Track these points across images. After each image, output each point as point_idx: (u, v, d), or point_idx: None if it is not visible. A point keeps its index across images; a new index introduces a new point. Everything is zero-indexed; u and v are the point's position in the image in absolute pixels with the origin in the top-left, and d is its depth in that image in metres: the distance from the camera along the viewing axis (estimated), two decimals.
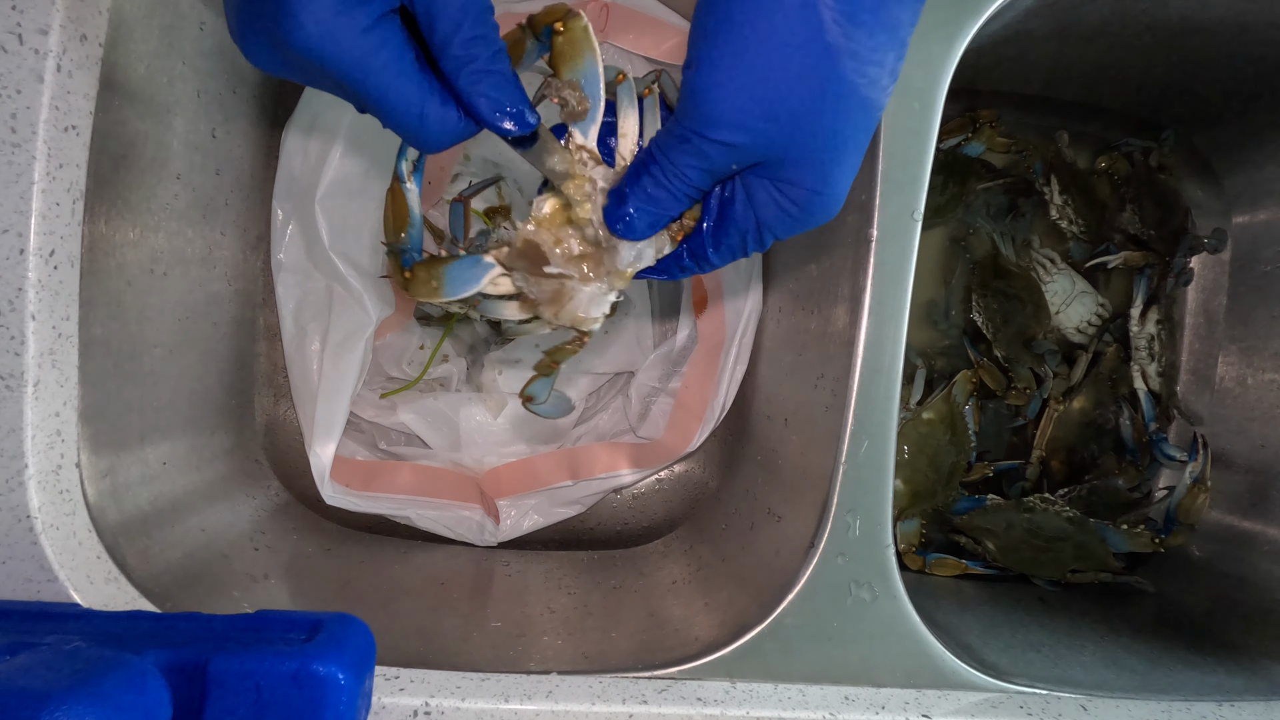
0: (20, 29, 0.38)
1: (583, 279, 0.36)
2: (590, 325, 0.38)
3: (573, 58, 0.34)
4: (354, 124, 0.61)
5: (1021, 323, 0.73)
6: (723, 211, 0.35)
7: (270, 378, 0.69)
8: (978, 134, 0.73)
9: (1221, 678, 0.53)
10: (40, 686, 0.28)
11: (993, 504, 0.70)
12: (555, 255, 0.36)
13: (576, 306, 0.37)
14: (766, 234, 0.34)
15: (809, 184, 0.32)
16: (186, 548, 0.51)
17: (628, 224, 0.35)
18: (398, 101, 0.30)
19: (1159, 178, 0.76)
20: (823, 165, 0.32)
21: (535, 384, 0.42)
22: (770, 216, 0.34)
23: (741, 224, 0.34)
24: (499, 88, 0.31)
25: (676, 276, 0.38)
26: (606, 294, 0.37)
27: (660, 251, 0.37)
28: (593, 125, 0.35)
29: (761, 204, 0.33)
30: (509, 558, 0.65)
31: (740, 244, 0.35)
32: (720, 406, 0.66)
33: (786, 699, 0.45)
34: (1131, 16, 0.59)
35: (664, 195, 0.34)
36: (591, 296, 0.37)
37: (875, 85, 0.30)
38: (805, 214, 0.33)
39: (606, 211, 0.35)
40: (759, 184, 0.33)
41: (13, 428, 0.39)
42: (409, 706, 0.41)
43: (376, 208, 0.65)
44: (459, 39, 0.30)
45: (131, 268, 0.48)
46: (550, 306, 0.37)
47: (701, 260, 0.37)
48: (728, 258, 0.36)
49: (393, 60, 0.29)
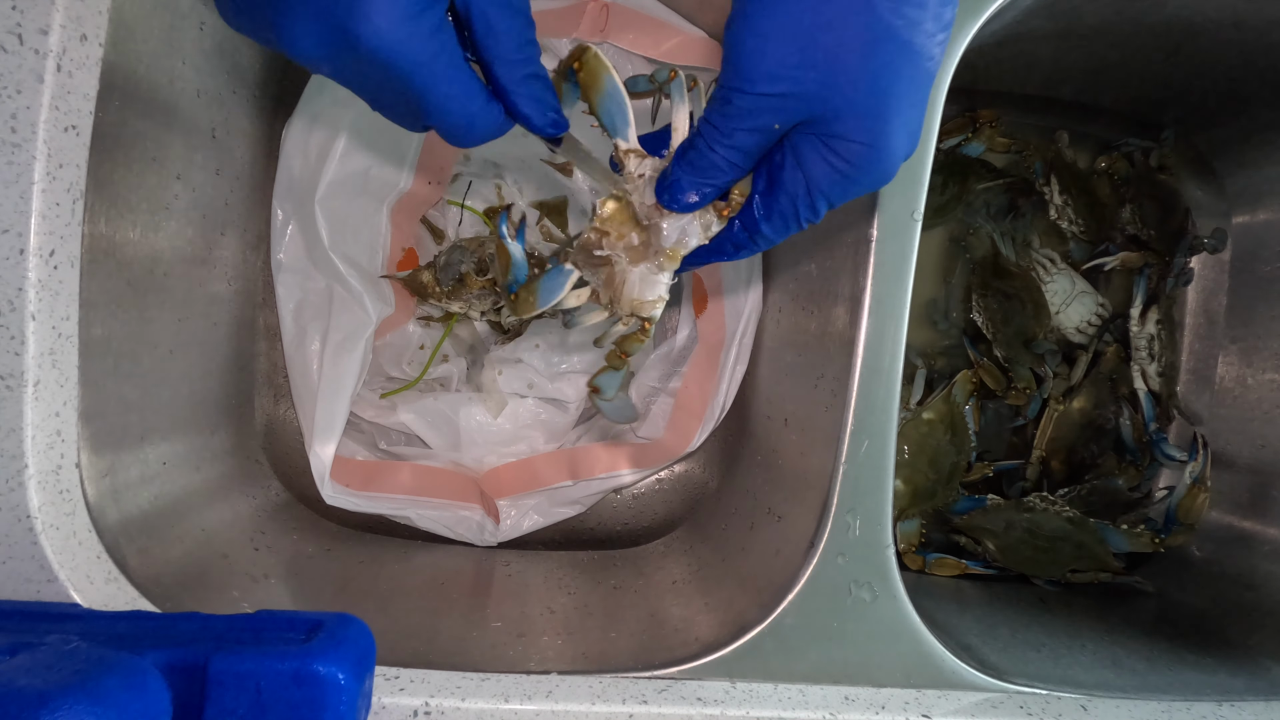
0: (20, 29, 0.38)
1: (631, 260, 0.38)
2: (649, 310, 0.39)
3: (595, 84, 0.37)
4: (354, 124, 0.61)
5: (1021, 323, 0.73)
6: (772, 178, 0.34)
7: (270, 378, 0.69)
8: (978, 134, 0.73)
9: (1221, 678, 0.53)
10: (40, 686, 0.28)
11: (993, 504, 0.70)
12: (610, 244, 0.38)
13: (631, 290, 0.38)
14: (818, 197, 0.33)
15: (857, 136, 0.31)
16: (186, 548, 0.51)
17: (673, 193, 0.35)
18: (451, 100, 0.32)
19: (1159, 178, 0.76)
20: (869, 116, 0.31)
21: (604, 375, 0.43)
22: (820, 175, 0.33)
23: (790, 188, 0.33)
24: (545, 91, 0.34)
25: (732, 256, 0.38)
26: (657, 275, 0.38)
27: (708, 229, 0.37)
28: (627, 129, 0.38)
29: (810, 163, 0.32)
30: (509, 558, 0.65)
31: (792, 210, 0.34)
32: (720, 406, 0.66)
33: (786, 699, 0.45)
34: (1131, 16, 0.59)
35: (709, 162, 0.33)
36: (642, 278, 0.38)
37: (917, 28, 0.29)
38: (857, 171, 0.32)
39: (657, 185, 0.36)
40: (806, 142, 0.32)
41: (13, 428, 0.39)
42: (409, 706, 0.41)
43: (376, 208, 0.65)
44: (513, 43, 0.32)
45: (131, 268, 0.48)
46: (613, 298, 0.39)
47: (754, 233, 0.36)
48: (780, 228, 0.35)
49: (452, 62, 0.31)
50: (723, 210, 0.37)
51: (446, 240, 0.70)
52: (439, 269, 0.65)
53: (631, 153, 0.38)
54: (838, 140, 0.32)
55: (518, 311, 0.41)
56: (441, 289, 0.65)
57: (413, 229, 0.70)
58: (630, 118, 0.38)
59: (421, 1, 0.29)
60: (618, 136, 0.38)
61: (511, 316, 0.69)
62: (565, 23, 0.65)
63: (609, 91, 0.37)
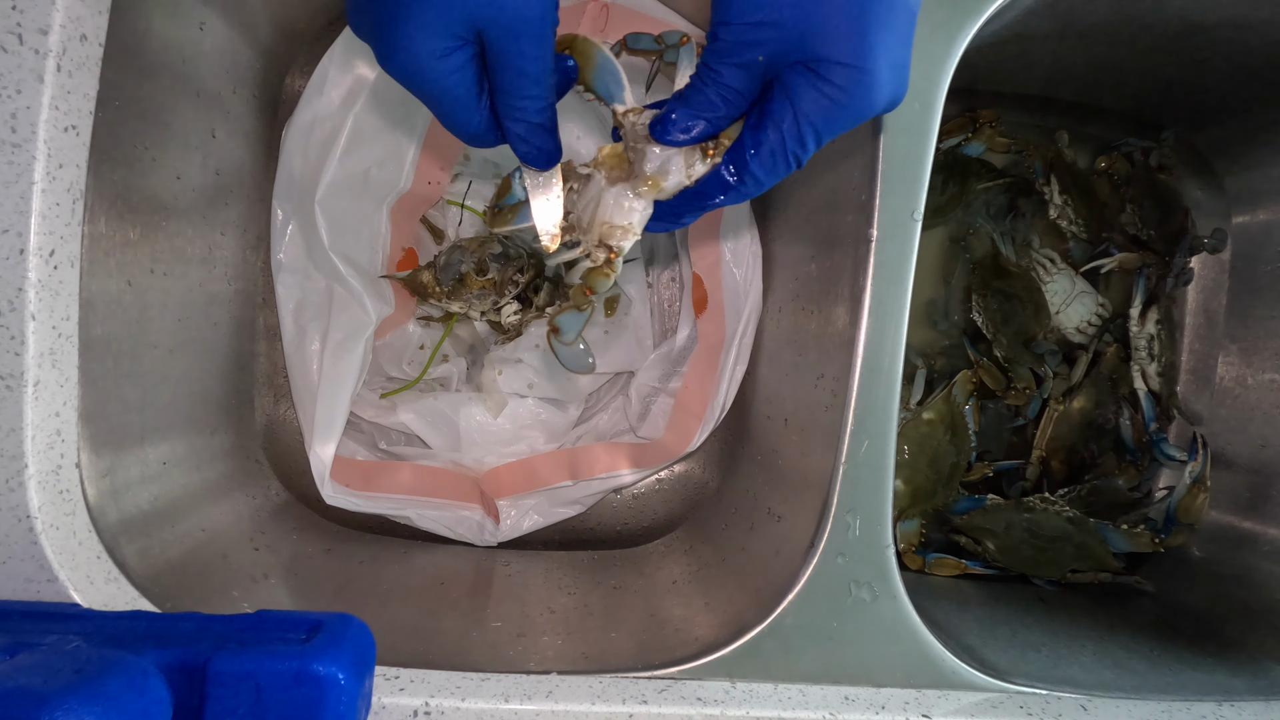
0: (20, 29, 0.38)
1: (610, 179, 0.39)
2: (618, 238, 0.39)
3: (588, 62, 0.39)
4: (354, 124, 0.61)
5: (1021, 323, 0.73)
6: (762, 112, 0.35)
7: (270, 378, 0.69)
8: (978, 134, 0.73)
9: (1221, 678, 0.53)
10: (40, 686, 0.28)
11: (993, 504, 0.70)
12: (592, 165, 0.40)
13: (604, 211, 0.39)
14: (805, 127, 0.34)
15: (844, 57, 0.32)
16: (186, 548, 0.51)
17: (664, 126, 0.36)
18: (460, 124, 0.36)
19: (1159, 178, 0.76)
20: (854, 37, 0.31)
21: (565, 315, 0.44)
22: (809, 104, 0.33)
23: (778, 119, 0.34)
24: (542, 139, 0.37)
25: (719, 198, 0.38)
26: (632, 200, 0.39)
27: (691, 167, 0.37)
28: (623, 91, 0.39)
29: (796, 91, 0.33)
30: (509, 558, 0.65)
31: (780, 144, 0.34)
32: (720, 406, 0.66)
33: (786, 699, 0.45)
34: (1131, 16, 0.59)
35: (701, 99, 0.35)
36: (616, 199, 0.39)
37: None
38: (845, 96, 0.33)
39: (651, 122, 0.37)
40: (794, 71, 0.33)
41: (13, 428, 0.39)
42: (409, 706, 0.41)
43: (376, 208, 0.65)
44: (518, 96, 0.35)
45: (131, 268, 0.48)
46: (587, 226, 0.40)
47: (743, 172, 0.36)
48: (769, 166, 0.36)
49: (465, 94, 0.35)
50: (708, 150, 0.37)
51: (446, 240, 0.70)
52: (439, 269, 0.65)
53: (630, 111, 0.39)
54: (824, 64, 0.32)
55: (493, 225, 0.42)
56: (441, 289, 0.65)
57: (413, 229, 0.70)
58: (625, 81, 0.39)
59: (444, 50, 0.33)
60: (615, 102, 0.39)
61: (513, 317, 0.69)
62: (565, 22, 0.65)
63: (601, 64, 0.39)
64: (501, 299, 0.67)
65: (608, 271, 0.41)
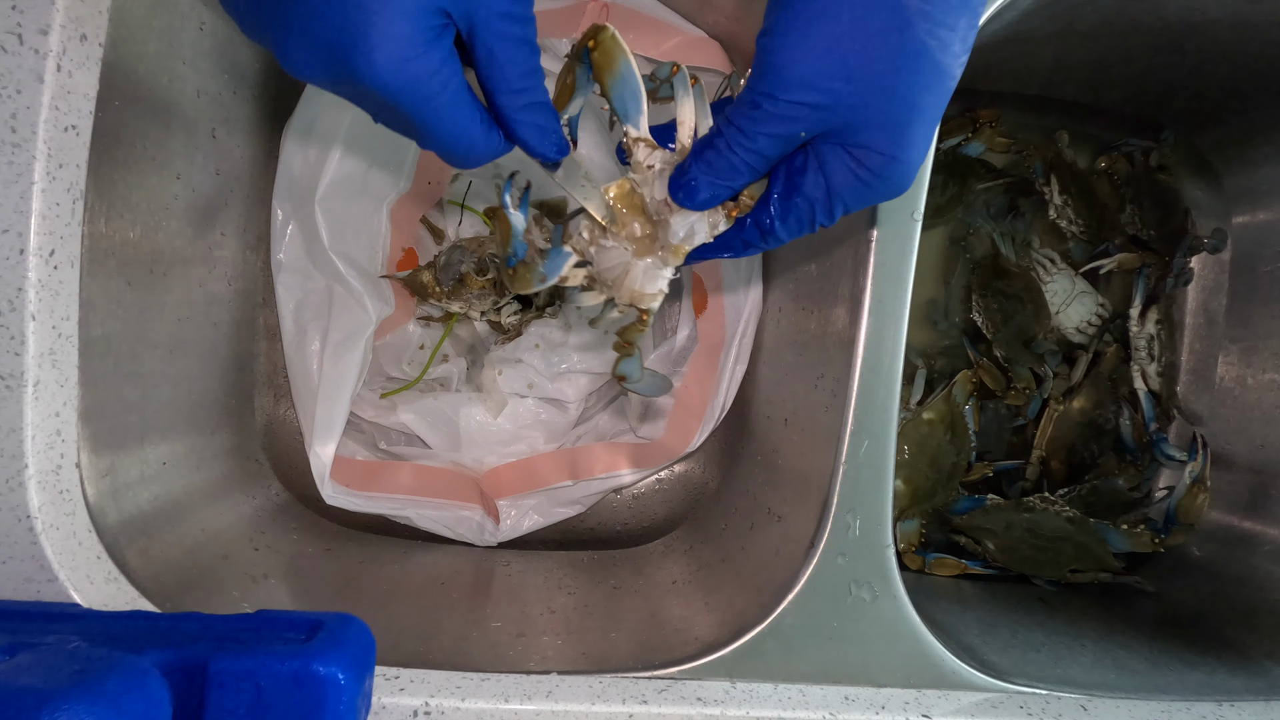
0: (20, 29, 0.38)
1: (637, 253, 0.38)
2: (649, 303, 0.39)
3: (609, 66, 0.36)
4: (354, 125, 0.61)
5: (1021, 323, 0.73)
6: (791, 181, 0.35)
7: (270, 378, 0.69)
8: (978, 134, 0.73)
9: (1221, 678, 0.53)
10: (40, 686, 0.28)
11: (993, 504, 0.70)
12: (615, 234, 0.38)
13: (633, 282, 0.39)
14: (837, 204, 0.34)
15: (884, 148, 0.32)
16: (186, 548, 0.51)
17: (688, 191, 0.35)
18: (454, 131, 0.32)
19: (1159, 178, 0.76)
20: (897, 129, 0.32)
21: (623, 364, 0.44)
22: (843, 184, 0.33)
23: (811, 193, 0.34)
24: (546, 118, 0.34)
25: (739, 253, 0.38)
26: (660, 269, 0.38)
27: (715, 228, 0.37)
28: (640, 116, 0.37)
29: (834, 171, 0.33)
30: (509, 558, 0.65)
31: (809, 215, 0.35)
32: (720, 406, 0.66)
33: (786, 699, 0.45)
34: (1132, 16, 0.59)
35: (727, 164, 0.34)
36: (646, 271, 0.38)
37: (947, 50, 0.30)
38: (880, 181, 0.33)
39: (671, 181, 0.36)
40: (832, 151, 0.33)
41: (13, 428, 0.39)
42: (409, 706, 0.41)
43: (376, 208, 0.65)
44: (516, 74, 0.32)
45: (131, 268, 0.48)
46: (614, 286, 0.39)
47: (767, 233, 0.36)
48: (794, 230, 0.36)
49: (454, 95, 0.31)
50: (731, 211, 0.37)
51: (446, 240, 0.70)
52: (439, 269, 0.65)
53: (642, 141, 0.37)
54: (862, 150, 0.32)
55: (514, 286, 0.40)
56: (441, 289, 0.65)
57: (413, 229, 0.70)
58: (644, 105, 0.37)
59: (425, 39, 0.29)
60: (629, 123, 0.37)
61: (513, 316, 0.68)
62: (565, 23, 0.65)
63: (624, 75, 0.36)
64: (501, 299, 0.67)
65: (642, 329, 0.41)
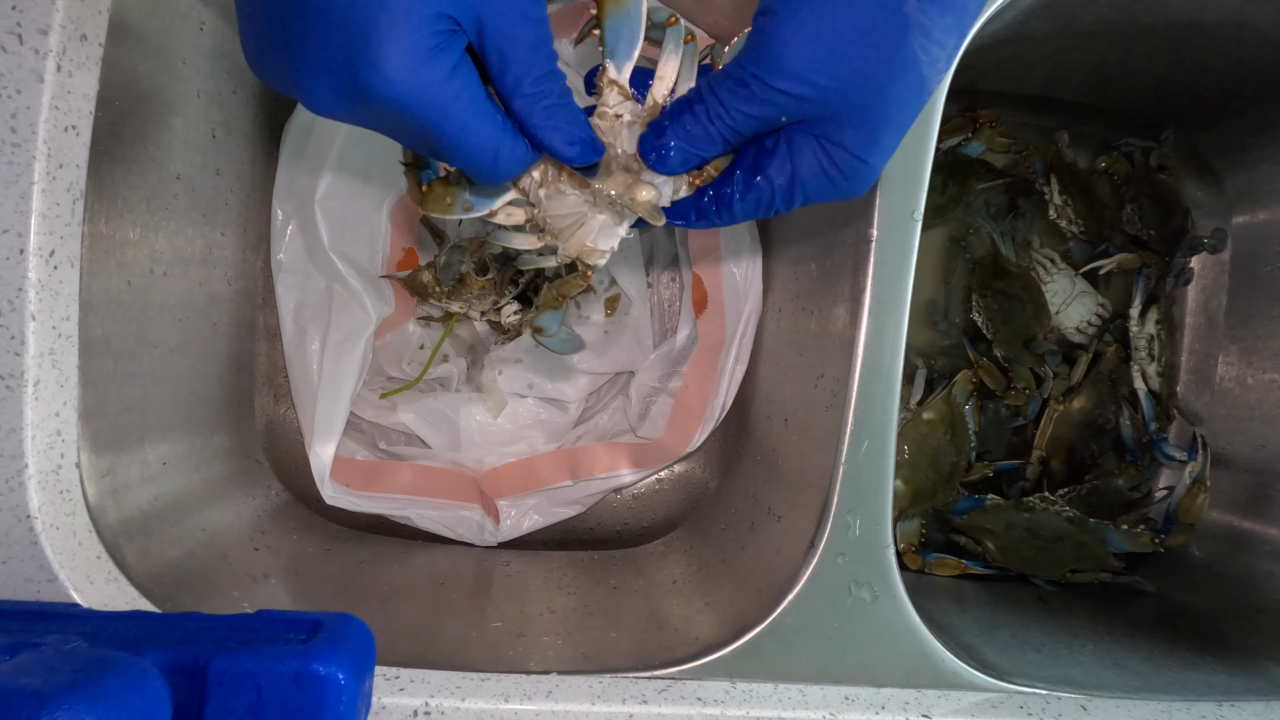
0: (20, 29, 0.38)
1: (595, 206, 0.37)
2: (596, 259, 0.38)
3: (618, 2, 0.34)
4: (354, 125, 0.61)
5: (1021, 323, 0.73)
6: (758, 162, 0.35)
7: (270, 378, 0.69)
8: (978, 134, 0.73)
9: (1221, 678, 0.53)
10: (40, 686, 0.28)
11: (993, 504, 0.70)
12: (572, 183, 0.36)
13: (586, 235, 0.37)
14: (798, 193, 0.34)
15: (856, 149, 0.32)
16: (186, 548, 0.51)
17: (661, 156, 0.35)
18: (475, 143, 0.31)
19: (1159, 178, 0.76)
20: (871, 134, 0.32)
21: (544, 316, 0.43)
22: (809, 175, 0.34)
23: (775, 178, 0.34)
24: (571, 122, 0.32)
25: (691, 224, 0.38)
26: (616, 226, 0.38)
27: (676, 193, 0.37)
28: (628, 61, 0.36)
29: (802, 160, 0.33)
30: (509, 558, 0.65)
31: (769, 197, 0.35)
32: (720, 406, 0.66)
33: (786, 699, 0.45)
34: (1132, 16, 0.59)
35: (703, 134, 0.34)
36: (603, 226, 0.37)
37: (933, 66, 0.31)
38: (844, 179, 0.33)
39: (642, 140, 0.35)
40: (804, 140, 0.33)
41: (13, 428, 0.39)
42: (409, 706, 0.41)
43: (376, 208, 0.65)
44: (530, 78, 0.31)
45: (131, 268, 0.48)
46: (560, 236, 0.37)
47: (724, 208, 0.36)
48: (751, 210, 0.36)
49: (472, 103, 0.30)
50: (694, 180, 0.36)
51: (446, 240, 0.70)
52: (439, 269, 0.65)
53: (616, 85, 0.36)
54: (834, 147, 0.33)
55: (426, 207, 0.37)
56: (441, 289, 0.65)
57: (413, 229, 0.70)
58: (635, 52, 0.36)
59: (433, 46, 0.28)
60: (612, 60, 0.35)
61: (513, 317, 0.69)
62: (565, 23, 0.65)
63: (631, 12, 0.34)
64: (501, 299, 0.67)
65: (582, 284, 0.40)
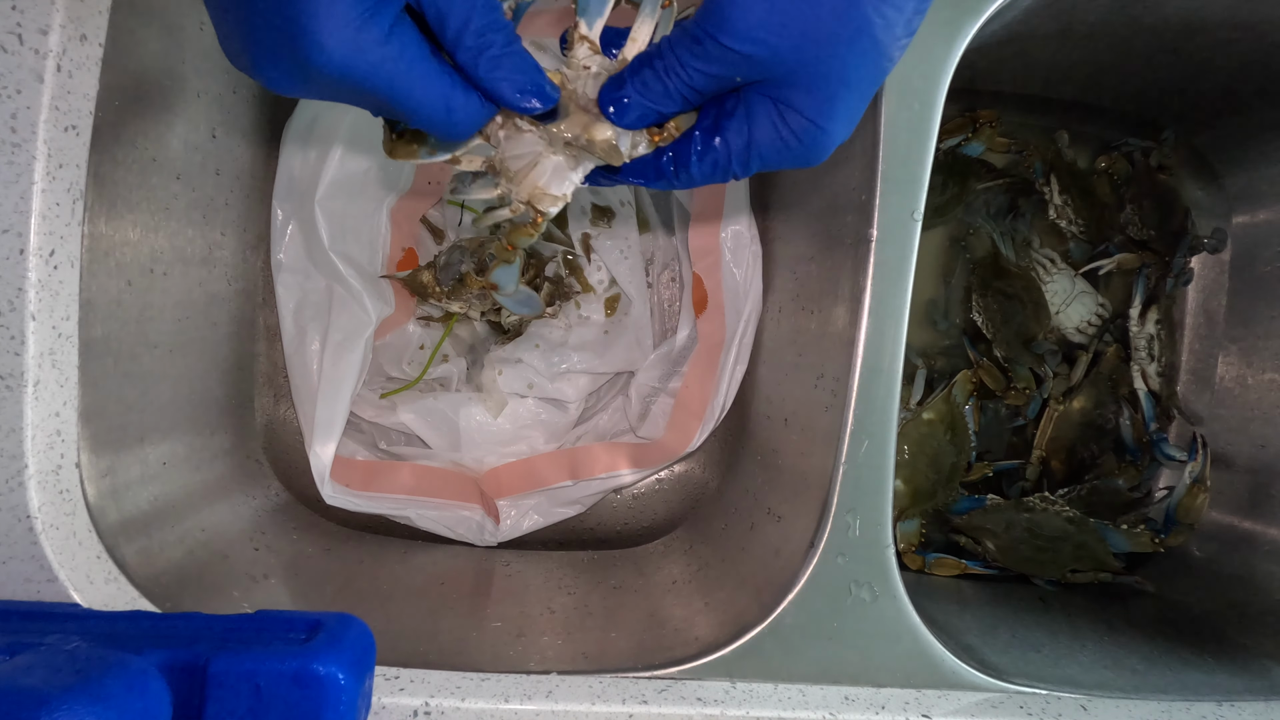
0: (20, 29, 0.38)
1: (553, 147, 0.37)
2: (548, 205, 0.38)
3: None
4: (354, 125, 0.61)
5: (1021, 323, 0.73)
6: (717, 123, 0.35)
7: (270, 378, 0.69)
8: (978, 134, 0.73)
9: (1221, 678, 0.53)
10: (40, 686, 0.28)
11: (993, 504, 0.70)
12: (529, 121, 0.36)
13: (539, 177, 0.37)
14: (754, 157, 0.34)
15: (809, 112, 0.32)
16: (186, 548, 0.51)
17: (620, 108, 0.35)
18: (424, 100, 0.31)
19: (1159, 178, 0.76)
20: (826, 97, 0.32)
21: (498, 271, 0.43)
22: (763, 138, 0.34)
23: (732, 139, 0.34)
24: (518, 70, 0.32)
25: (650, 183, 0.38)
26: (570, 171, 0.37)
27: (634, 148, 0.36)
28: (599, 19, 0.36)
29: (758, 122, 0.33)
30: (509, 558, 0.65)
31: (725, 159, 0.35)
32: (720, 406, 0.66)
33: (786, 699, 0.45)
34: (1132, 16, 0.59)
35: (661, 89, 0.34)
36: (556, 169, 0.37)
37: (889, 30, 0.31)
38: (798, 144, 0.33)
39: (602, 92, 0.35)
40: (761, 101, 0.33)
41: (13, 428, 0.39)
42: (409, 706, 0.41)
43: (376, 208, 0.65)
44: (470, 30, 0.31)
45: (131, 268, 0.48)
46: (515, 180, 0.37)
47: (681, 168, 0.36)
48: (708, 172, 0.36)
49: (415, 62, 0.30)
50: (654, 136, 0.36)
51: (446, 240, 0.70)
52: (439, 269, 0.65)
53: (587, 41, 0.36)
54: (789, 110, 0.33)
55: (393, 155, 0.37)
56: (441, 289, 0.65)
57: (413, 229, 0.70)
58: (606, 9, 0.36)
59: (366, 10, 0.28)
60: (583, 17, 0.36)
61: (513, 316, 0.68)
62: (565, 23, 0.65)
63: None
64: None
65: (532, 232, 0.40)
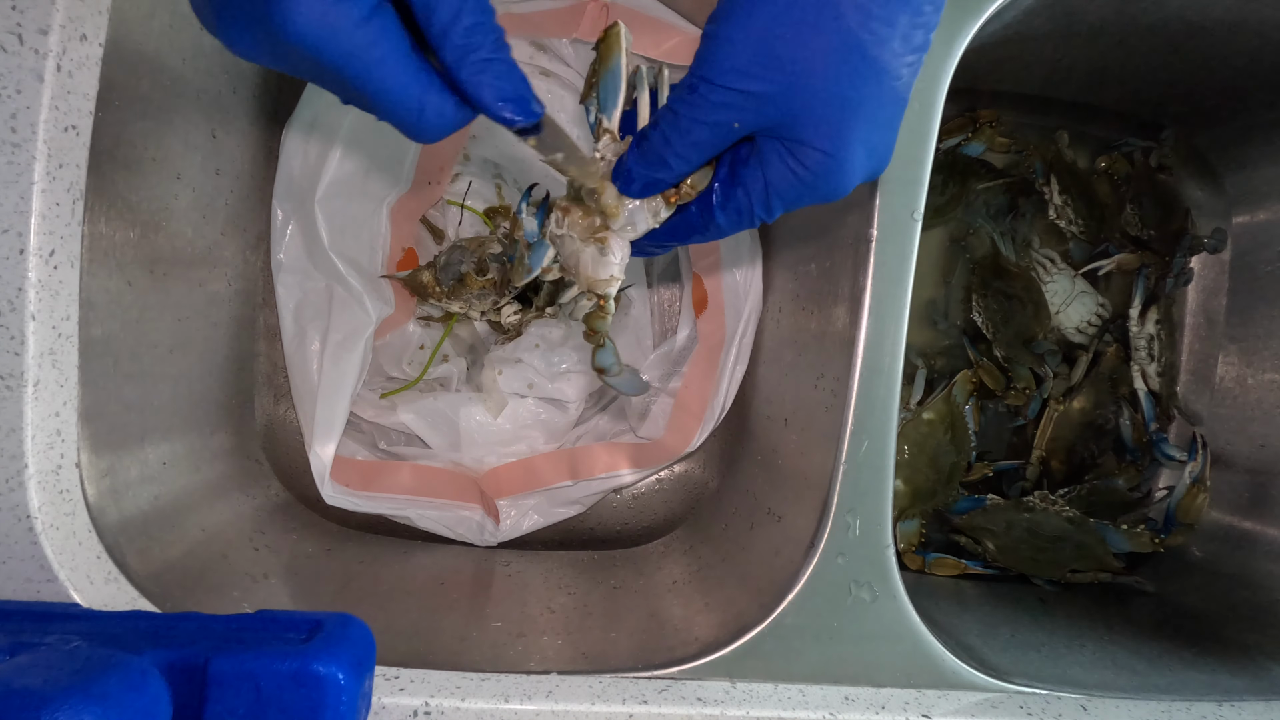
0: (20, 29, 0.38)
1: (582, 239, 0.39)
2: (603, 289, 0.40)
3: (607, 56, 0.39)
4: (354, 124, 0.61)
5: (1021, 323, 0.73)
6: (734, 172, 0.35)
7: (270, 378, 0.69)
8: (978, 134, 0.73)
9: (1221, 678, 0.53)
10: (40, 686, 0.28)
11: (993, 504, 0.70)
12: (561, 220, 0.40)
13: (585, 268, 0.39)
14: (774, 199, 0.34)
15: (820, 144, 0.32)
16: (186, 548, 0.51)
17: (625, 179, 0.35)
18: (396, 93, 0.29)
19: (1159, 178, 0.76)
20: (831, 125, 0.31)
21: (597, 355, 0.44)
22: (778, 178, 0.33)
23: (749, 185, 0.34)
24: (503, 76, 0.30)
25: (685, 241, 0.38)
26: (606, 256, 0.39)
27: (656, 215, 0.38)
28: (615, 110, 0.38)
29: (771, 165, 0.33)
30: (509, 558, 0.65)
31: (747, 206, 0.35)
32: (720, 406, 0.66)
33: (786, 699, 0.45)
34: (1131, 17, 0.59)
35: (665, 149, 0.33)
36: (594, 257, 0.39)
37: (884, 45, 0.30)
38: (815, 178, 0.33)
39: (615, 169, 0.36)
40: (770, 144, 0.33)
41: (13, 428, 0.39)
42: (409, 706, 0.41)
43: (376, 208, 0.65)
44: (459, 27, 0.29)
45: (131, 268, 0.48)
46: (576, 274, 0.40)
47: (709, 221, 0.36)
48: (734, 221, 0.36)
49: (390, 51, 0.28)
50: (671, 198, 0.37)
51: (446, 240, 0.70)
52: (439, 269, 0.65)
53: (609, 132, 0.38)
54: (799, 146, 0.32)
55: (514, 278, 0.44)
56: (441, 289, 0.65)
57: (413, 229, 0.70)
58: (620, 100, 0.39)
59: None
60: (605, 113, 0.39)
61: (513, 317, 0.69)
62: (565, 23, 0.65)
63: (614, 69, 0.38)
64: (501, 299, 0.67)
65: (603, 315, 0.42)
